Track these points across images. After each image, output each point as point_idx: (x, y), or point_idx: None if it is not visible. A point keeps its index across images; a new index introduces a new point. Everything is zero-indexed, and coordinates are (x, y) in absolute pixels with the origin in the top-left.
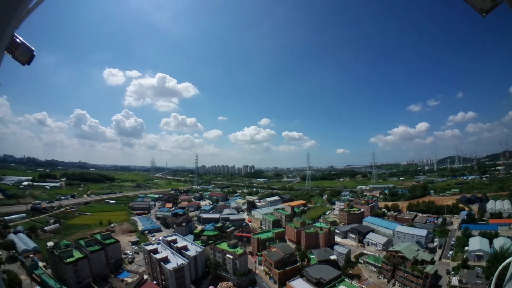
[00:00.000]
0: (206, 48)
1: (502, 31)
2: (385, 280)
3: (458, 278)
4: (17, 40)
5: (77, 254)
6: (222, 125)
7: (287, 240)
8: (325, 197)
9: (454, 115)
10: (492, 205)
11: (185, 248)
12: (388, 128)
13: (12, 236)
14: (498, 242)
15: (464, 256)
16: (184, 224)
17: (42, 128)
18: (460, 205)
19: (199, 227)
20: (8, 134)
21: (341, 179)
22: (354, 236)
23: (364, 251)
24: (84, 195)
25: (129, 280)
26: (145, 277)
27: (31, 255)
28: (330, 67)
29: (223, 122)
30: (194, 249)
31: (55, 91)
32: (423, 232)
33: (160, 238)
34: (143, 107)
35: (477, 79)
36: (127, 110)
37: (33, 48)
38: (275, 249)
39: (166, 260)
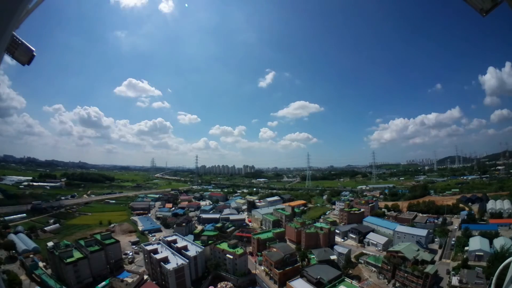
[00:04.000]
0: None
1: (502, 31)
2: (385, 280)
3: (458, 278)
4: (17, 40)
5: (77, 254)
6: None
7: (287, 240)
8: (325, 197)
9: (454, 114)
10: (492, 205)
11: (185, 248)
12: (388, 126)
13: (12, 236)
14: (498, 242)
15: (464, 256)
16: (184, 224)
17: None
18: (460, 205)
19: (199, 227)
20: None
21: (341, 179)
22: (354, 236)
23: (364, 251)
24: (84, 195)
25: (129, 280)
26: (145, 277)
27: (31, 255)
28: (329, 61)
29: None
30: (194, 249)
31: (58, 91)
32: (423, 232)
33: (160, 238)
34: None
35: (476, 78)
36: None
37: (33, 48)
38: (275, 249)
39: (166, 260)
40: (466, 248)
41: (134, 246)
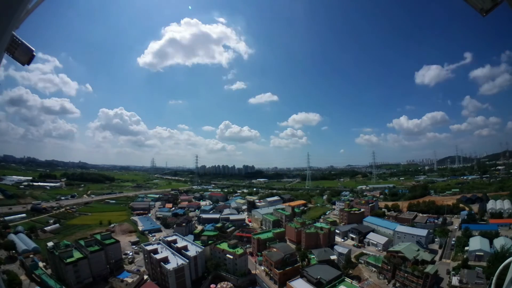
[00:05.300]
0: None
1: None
2: (386, 280)
3: (459, 278)
4: (17, 40)
5: (77, 255)
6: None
7: (287, 240)
8: (325, 197)
9: (454, 114)
10: (493, 205)
11: (185, 248)
12: (388, 126)
13: (12, 236)
14: (498, 242)
15: (465, 256)
16: (184, 224)
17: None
18: (461, 205)
19: (199, 227)
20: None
21: (341, 179)
22: (354, 236)
23: (364, 251)
24: (84, 195)
25: (129, 280)
26: (145, 277)
27: (31, 255)
28: (329, 62)
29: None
30: (194, 249)
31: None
32: (423, 232)
33: (160, 238)
34: None
35: (476, 78)
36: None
37: (33, 48)
38: (275, 249)
39: (166, 260)
40: (466, 248)
41: (134, 246)
